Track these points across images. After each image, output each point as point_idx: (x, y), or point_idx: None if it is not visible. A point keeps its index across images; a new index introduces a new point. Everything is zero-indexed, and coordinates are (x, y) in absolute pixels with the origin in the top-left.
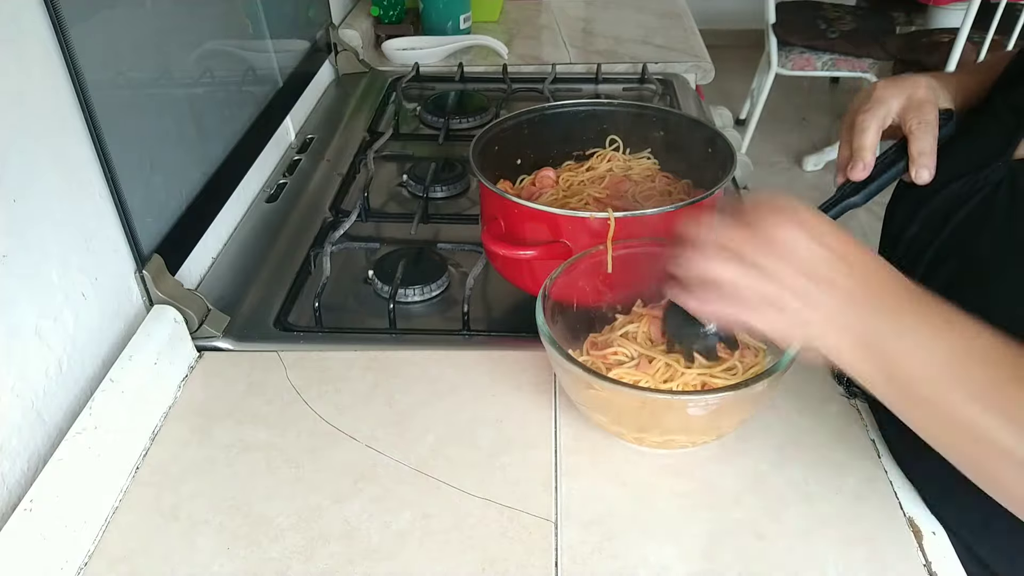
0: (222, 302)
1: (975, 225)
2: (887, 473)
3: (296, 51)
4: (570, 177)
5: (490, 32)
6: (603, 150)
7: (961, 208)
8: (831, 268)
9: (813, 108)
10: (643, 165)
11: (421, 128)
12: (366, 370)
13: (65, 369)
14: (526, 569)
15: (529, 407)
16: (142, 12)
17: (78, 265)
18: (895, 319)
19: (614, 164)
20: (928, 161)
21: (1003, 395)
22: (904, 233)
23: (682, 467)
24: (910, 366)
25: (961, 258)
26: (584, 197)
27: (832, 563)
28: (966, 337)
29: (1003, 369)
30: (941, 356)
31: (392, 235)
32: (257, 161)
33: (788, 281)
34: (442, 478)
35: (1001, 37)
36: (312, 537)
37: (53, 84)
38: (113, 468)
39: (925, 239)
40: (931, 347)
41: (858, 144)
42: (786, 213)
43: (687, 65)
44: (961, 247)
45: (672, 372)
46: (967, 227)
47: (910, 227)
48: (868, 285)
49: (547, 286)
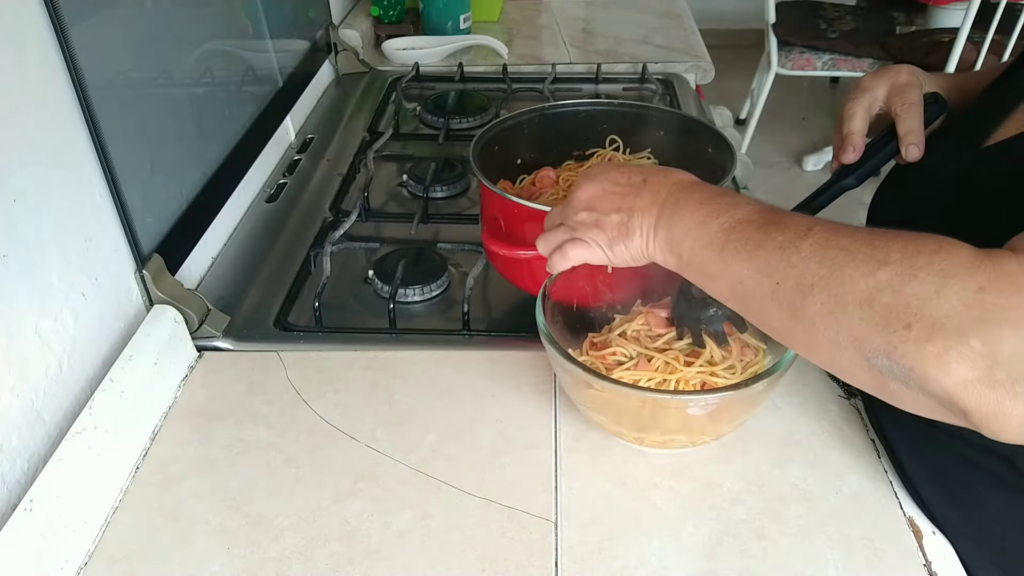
0: (222, 302)
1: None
2: (887, 473)
3: (296, 51)
4: (570, 177)
5: (490, 32)
6: (603, 150)
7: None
8: (629, 178)
9: (813, 108)
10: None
11: (421, 128)
12: (366, 370)
13: (65, 369)
14: (526, 569)
15: (529, 407)
16: (142, 12)
17: (78, 265)
18: (669, 213)
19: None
20: (916, 138)
21: (743, 241)
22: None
23: (682, 467)
24: (684, 247)
25: None
26: None
27: (832, 563)
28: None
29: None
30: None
31: (392, 235)
32: (257, 161)
33: (605, 204)
34: (442, 478)
35: (1001, 37)
36: (312, 537)
37: (53, 84)
38: (113, 468)
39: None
40: (691, 227)
41: (847, 130)
42: (589, 176)
43: (687, 65)
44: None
45: (671, 370)
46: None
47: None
48: (662, 184)
49: (547, 286)
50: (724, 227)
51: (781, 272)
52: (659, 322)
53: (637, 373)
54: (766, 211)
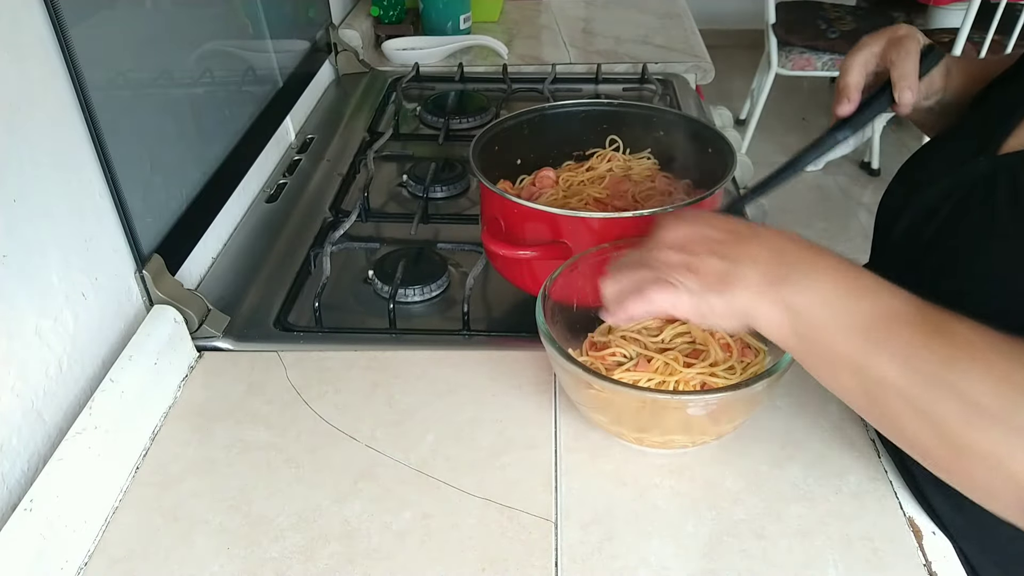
0: (222, 302)
1: (955, 220)
2: (887, 473)
3: (296, 51)
4: (570, 177)
5: (490, 32)
6: (603, 150)
7: (945, 203)
8: (730, 224)
9: (813, 108)
10: (643, 165)
11: (421, 128)
12: (366, 370)
13: (65, 369)
14: (526, 569)
15: (529, 407)
16: (142, 12)
17: (78, 265)
18: (797, 276)
19: (614, 164)
20: (909, 83)
21: (898, 339)
22: (894, 227)
23: (682, 467)
24: (812, 318)
25: (942, 252)
26: (584, 197)
27: (832, 563)
28: (868, 291)
29: (907, 324)
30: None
31: (392, 235)
32: (257, 161)
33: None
34: (442, 478)
35: (1001, 37)
36: (312, 537)
37: (53, 84)
38: (113, 468)
39: (913, 234)
40: (831, 301)
41: (842, 84)
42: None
43: (687, 65)
44: (942, 242)
45: (671, 371)
46: (949, 223)
47: (899, 222)
48: (777, 237)
49: (547, 286)
50: (875, 313)
51: (942, 393)
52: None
53: (637, 374)
54: (920, 307)
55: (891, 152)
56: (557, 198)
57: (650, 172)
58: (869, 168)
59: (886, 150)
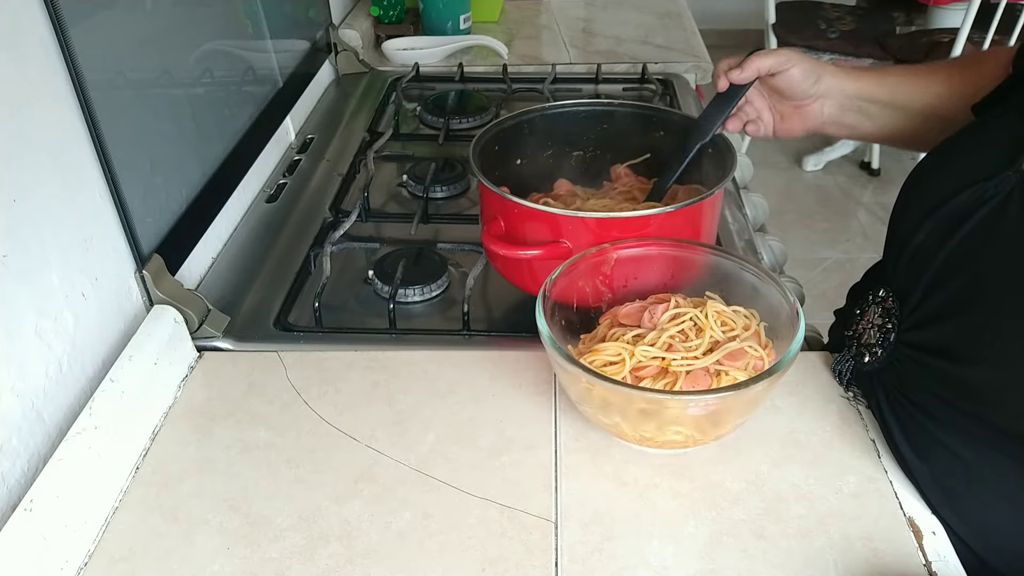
0: (222, 302)
1: (983, 238)
2: (887, 473)
3: (296, 51)
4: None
5: (490, 32)
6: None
7: (969, 219)
8: None
9: None
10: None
11: (421, 128)
12: (366, 370)
13: (65, 369)
14: (526, 569)
15: (529, 407)
16: (142, 12)
17: (78, 265)
18: None
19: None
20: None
21: None
22: (911, 240)
23: (682, 467)
24: None
25: (969, 273)
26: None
27: (832, 563)
28: None
29: None
30: None
31: (392, 235)
32: (257, 161)
33: None
34: (442, 478)
35: (1001, 37)
36: (312, 537)
37: (53, 84)
38: (113, 468)
39: (932, 248)
40: None
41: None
42: None
43: (687, 65)
44: (969, 261)
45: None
46: (975, 239)
47: (917, 234)
48: None
49: (547, 286)
50: None
51: None
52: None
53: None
54: None
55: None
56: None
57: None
58: (869, 168)
59: (886, 150)
